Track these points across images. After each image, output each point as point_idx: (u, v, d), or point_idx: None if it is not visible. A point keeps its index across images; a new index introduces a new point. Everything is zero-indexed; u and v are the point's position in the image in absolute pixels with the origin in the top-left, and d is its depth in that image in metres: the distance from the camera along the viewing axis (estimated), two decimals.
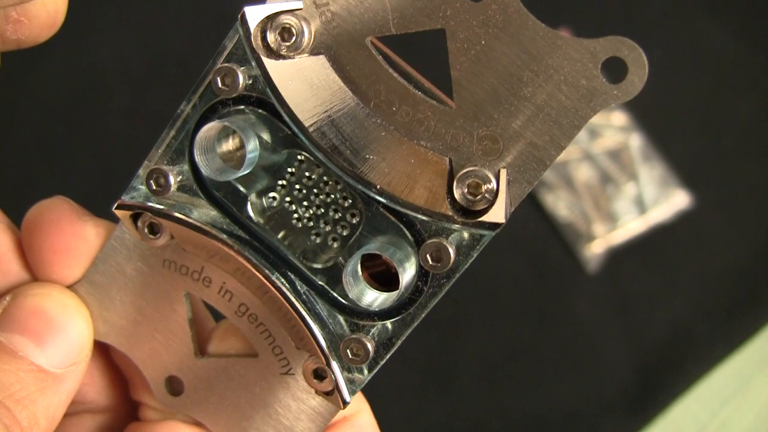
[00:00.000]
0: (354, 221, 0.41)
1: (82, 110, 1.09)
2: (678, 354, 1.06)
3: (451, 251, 0.38)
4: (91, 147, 1.08)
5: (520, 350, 1.07)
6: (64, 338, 0.42)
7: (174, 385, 0.46)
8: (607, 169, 1.12)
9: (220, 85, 0.38)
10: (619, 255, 1.09)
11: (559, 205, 1.11)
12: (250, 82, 0.38)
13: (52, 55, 1.07)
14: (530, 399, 1.06)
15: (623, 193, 1.12)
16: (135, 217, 0.42)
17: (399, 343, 0.41)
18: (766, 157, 1.13)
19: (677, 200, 1.11)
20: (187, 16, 1.13)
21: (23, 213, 0.44)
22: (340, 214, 0.42)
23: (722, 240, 1.10)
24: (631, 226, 1.10)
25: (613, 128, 1.13)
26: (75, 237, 0.43)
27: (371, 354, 0.41)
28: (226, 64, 0.38)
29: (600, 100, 0.36)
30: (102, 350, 0.47)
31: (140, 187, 0.41)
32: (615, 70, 0.36)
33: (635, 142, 1.12)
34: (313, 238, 0.42)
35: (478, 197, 0.37)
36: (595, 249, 1.09)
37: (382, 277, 0.41)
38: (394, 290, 0.39)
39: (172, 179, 0.40)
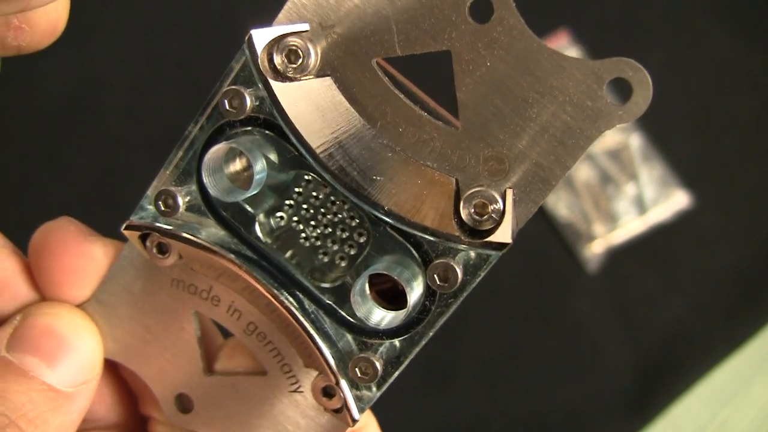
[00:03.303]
0: (361, 240, 0.42)
1: (82, 110, 1.09)
2: (678, 354, 1.06)
3: (459, 271, 0.38)
4: (91, 147, 1.08)
5: (520, 350, 1.07)
6: (74, 357, 0.42)
7: (183, 403, 0.46)
8: (607, 169, 1.12)
9: (227, 107, 0.39)
10: (619, 255, 1.09)
11: (559, 205, 1.11)
12: (257, 104, 0.39)
13: (52, 55, 1.07)
14: (530, 399, 1.06)
15: (623, 193, 1.12)
16: (143, 237, 0.42)
17: (407, 361, 0.41)
18: (766, 157, 1.13)
19: (677, 200, 1.11)
20: (187, 16, 1.12)
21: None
22: (347, 234, 0.42)
23: (722, 240, 1.10)
24: (631, 226, 1.10)
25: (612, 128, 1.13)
26: (83, 257, 0.43)
27: (380, 372, 0.41)
28: (233, 87, 0.39)
29: (605, 120, 0.36)
30: (110, 367, 0.47)
31: (148, 207, 0.42)
32: (619, 90, 0.36)
33: (635, 142, 1.12)
34: (320, 257, 0.42)
35: (485, 217, 0.37)
36: (595, 249, 1.09)
37: (389, 294, 0.41)
38: (402, 308, 0.39)
39: (180, 200, 0.41)
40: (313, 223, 0.42)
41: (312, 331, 0.41)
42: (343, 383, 0.41)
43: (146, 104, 1.10)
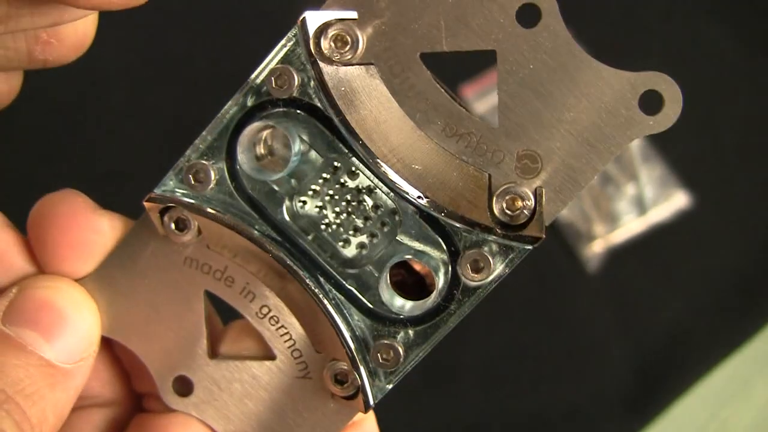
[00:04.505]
0: (386, 229, 0.42)
1: (82, 110, 1.09)
2: (678, 354, 1.06)
3: (491, 261, 0.39)
4: (90, 147, 1.08)
5: (520, 350, 1.07)
6: (72, 333, 0.41)
7: (182, 386, 0.46)
8: (607, 169, 1.12)
9: (273, 85, 0.39)
10: (619, 255, 1.09)
11: None
12: (300, 86, 0.40)
13: None
14: (530, 399, 1.06)
15: (623, 193, 1.12)
16: (162, 212, 0.42)
17: (428, 349, 0.42)
18: (766, 157, 1.13)
19: (677, 200, 1.11)
20: (187, 16, 1.12)
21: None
22: (371, 222, 0.43)
23: (722, 240, 1.11)
24: (631, 226, 1.10)
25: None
26: (91, 230, 0.42)
27: (401, 358, 0.42)
28: (281, 65, 0.39)
29: (636, 129, 0.38)
30: (105, 343, 0.46)
31: (170, 182, 0.42)
32: (650, 102, 0.38)
33: (635, 142, 1.12)
34: (344, 243, 0.43)
35: (516, 212, 0.39)
36: (595, 249, 1.09)
37: (402, 286, 0.42)
38: (418, 300, 0.41)
39: (212, 174, 0.41)
40: (338, 209, 0.43)
41: (334, 314, 0.41)
42: (361, 369, 0.42)
43: (146, 104, 1.09)
